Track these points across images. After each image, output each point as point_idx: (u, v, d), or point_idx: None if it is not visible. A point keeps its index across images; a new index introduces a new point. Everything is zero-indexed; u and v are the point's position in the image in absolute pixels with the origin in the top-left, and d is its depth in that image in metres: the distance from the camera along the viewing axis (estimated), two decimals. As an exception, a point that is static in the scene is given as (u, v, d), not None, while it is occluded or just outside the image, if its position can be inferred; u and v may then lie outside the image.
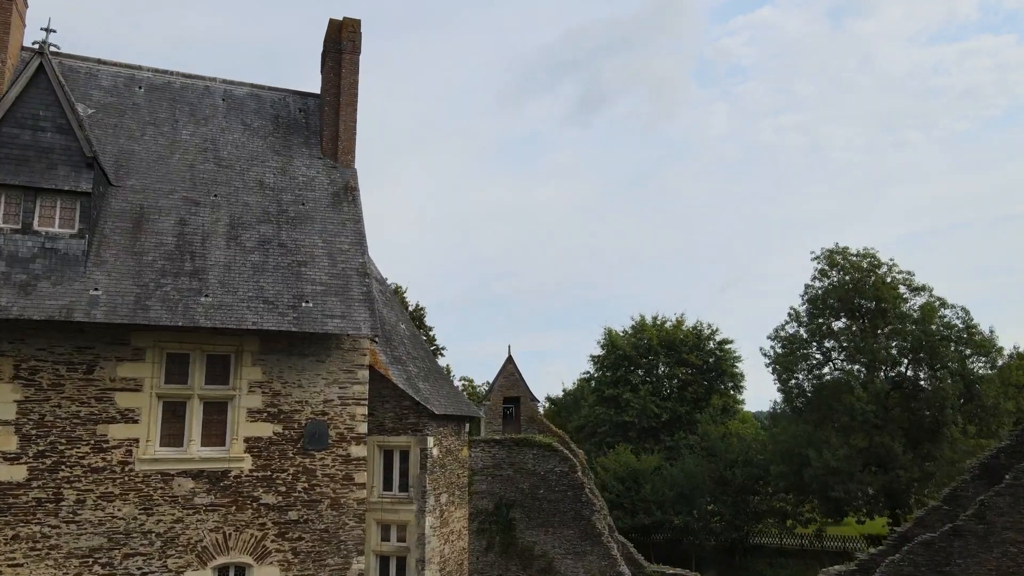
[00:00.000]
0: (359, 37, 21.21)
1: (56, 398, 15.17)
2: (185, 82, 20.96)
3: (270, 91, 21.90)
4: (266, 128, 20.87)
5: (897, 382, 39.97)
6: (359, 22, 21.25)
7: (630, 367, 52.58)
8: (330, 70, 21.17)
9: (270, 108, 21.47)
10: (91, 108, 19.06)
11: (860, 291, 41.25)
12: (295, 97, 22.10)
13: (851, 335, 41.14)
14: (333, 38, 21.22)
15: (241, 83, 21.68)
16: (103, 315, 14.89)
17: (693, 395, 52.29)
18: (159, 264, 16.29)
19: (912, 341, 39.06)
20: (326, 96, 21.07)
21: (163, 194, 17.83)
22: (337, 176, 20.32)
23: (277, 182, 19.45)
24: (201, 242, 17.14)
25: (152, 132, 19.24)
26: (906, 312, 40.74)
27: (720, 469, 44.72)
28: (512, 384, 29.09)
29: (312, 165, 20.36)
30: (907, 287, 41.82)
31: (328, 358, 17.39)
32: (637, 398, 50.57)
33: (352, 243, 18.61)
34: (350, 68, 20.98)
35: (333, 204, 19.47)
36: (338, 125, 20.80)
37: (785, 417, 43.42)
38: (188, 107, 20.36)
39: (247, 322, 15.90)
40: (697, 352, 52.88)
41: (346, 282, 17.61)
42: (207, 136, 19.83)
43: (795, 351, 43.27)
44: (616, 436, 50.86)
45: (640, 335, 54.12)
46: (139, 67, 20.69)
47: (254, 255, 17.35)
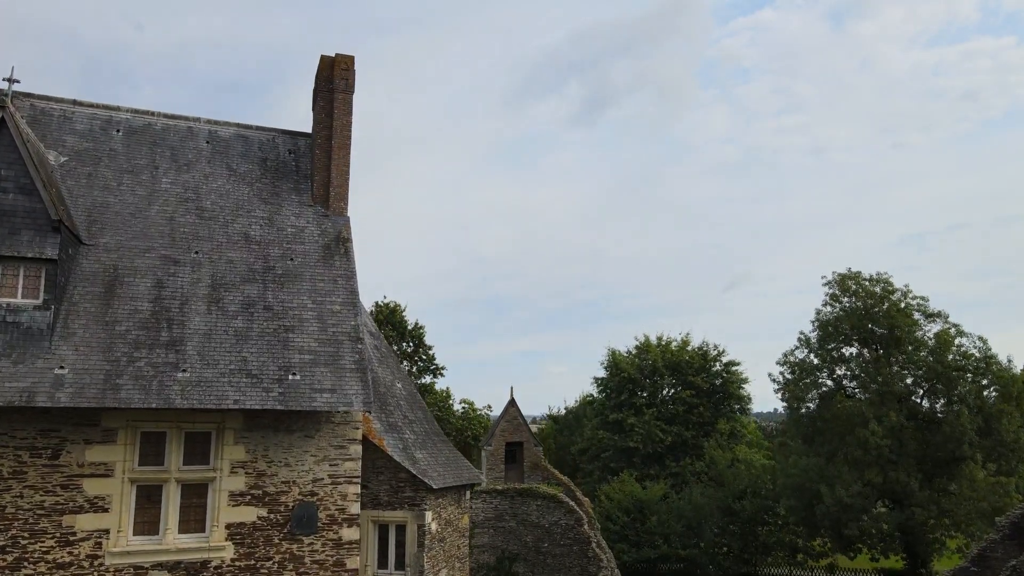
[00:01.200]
0: (352, 75, 19.87)
1: (18, 487, 13.85)
2: (167, 123, 19.63)
3: (258, 131, 20.57)
4: (253, 173, 19.53)
5: (912, 413, 38.60)
6: (352, 59, 19.92)
7: (634, 390, 51.24)
8: (321, 109, 19.85)
9: (258, 150, 20.13)
10: (64, 155, 17.75)
11: (873, 317, 39.93)
12: (284, 137, 20.76)
13: (864, 363, 39.81)
14: (325, 76, 19.90)
15: (227, 123, 20.35)
16: (69, 398, 13.57)
17: (699, 419, 50.94)
18: (133, 335, 14.95)
19: (927, 371, 37.72)
20: (317, 138, 19.74)
21: (139, 252, 16.50)
22: (328, 226, 18.99)
23: (264, 234, 18.12)
24: (179, 307, 15.80)
25: (129, 181, 17.91)
26: (921, 339, 39.41)
27: (728, 500, 43.38)
28: (515, 428, 27.82)
29: (302, 214, 19.03)
30: (922, 313, 40.48)
31: (317, 433, 16.06)
32: (642, 423, 49.23)
33: (344, 303, 17.28)
34: (343, 108, 19.65)
35: (324, 258, 18.13)
36: (330, 169, 19.48)
37: (796, 449, 42.06)
38: (169, 151, 19.03)
39: (228, 400, 14.58)
40: (704, 374, 51.53)
41: (337, 349, 16.28)
42: (189, 184, 18.50)
43: (804, 378, 41.93)
44: (620, 462, 49.49)
45: (644, 356, 52.79)
46: (117, 108, 19.36)
47: (237, 320, 16.01)
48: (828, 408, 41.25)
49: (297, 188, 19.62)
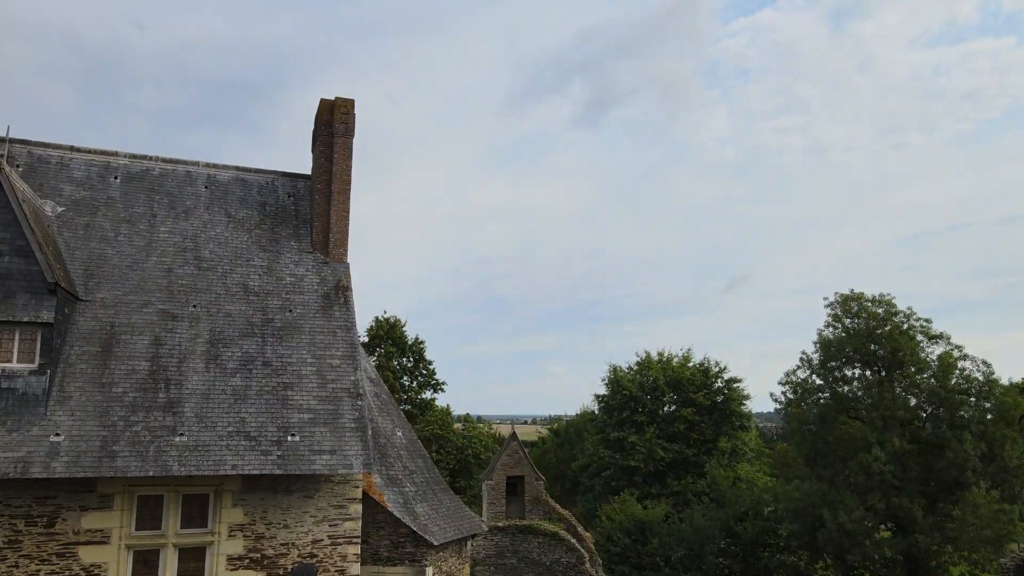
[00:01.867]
0: (352, 119, 19.67)
1: (13, 557, 13.67)
2: (165, 168, 19.43)
3: (257, 174, 20.36)
4: (252, 219, 19.33)
5: (915, 437, 38.41)
6: (352, 102, 19.72)
7: (636, 407, 51.02)
8: (321, 153, 19.65)
9: (257, 194, 19.92)
10: (61, 205, 17.56)
11: (875, 339, 39.70)
12: (284, 180, 20.55)
13: (867, 384, 39.61)
14: (324, 120, 19.69)
15: (226, 167, 20.14)
16: (64, 468, 13.38)
17: (700, 436, 50.73)
18: (130, 396, 14.76)
19: (929, 395, 37.50)
20: (317, 182, 19.54)
21: (137, 307, 16.30)
22: (328, 273, 18.79)
23: (263, 284, 17.92)
24: (177, 365, 15.61)
25: (127, 231, 17.71)
26: (923, 360, 39.20)
27: (729, 521, 43.19)
28: (516, 462, 27.66)
29: (301, 261, 18.82)
30: (924, 335, 40.26)
31: (317, 493, 15.87)
32: (643, 441, 49.01)
33: (344, 356, 17.08)
34: (342, 153, 19.45)
35: (323, 308, 17.93)
36: (329, 215, 19.28)
37: (798, 472, 41.85)
38: (168, 198, 18.83)
39: (226, 466, 14.38)
40: (705, 391, 51.31)
41: (337, 406, 16.08)
42: (187, 233, 18.30)
43: (806, 398, 41.73)
44: (621, 480, 49.29)
45: (645, 373, 52.57)
46: (115, 153, 19.16)
47: (236, 378, 15.82)
48: (830, 431, 41.07)
49: (296, 234, 19.42)
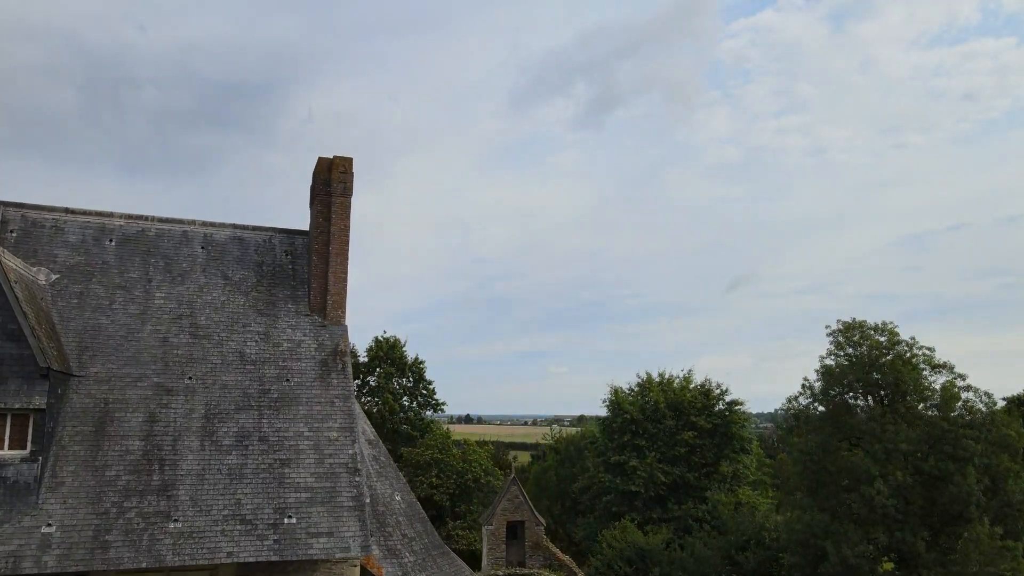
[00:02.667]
0: (351, 178, 19.44)
1: (4, 650, 13.43)
2: (161, 229, 19.20)
3: (254, 232, 20.12)
4: (249, 280, 19.09)
5: (917, 470, 38.17)
6: (351, 161, 19.49)
7: (637, 431, 50.79)
8: (319, 213, 19.41)
9: (254, 253, 19.69)
10: (55, 272, 17.33)
11: (877, 368, 39.46)
12: (281, 237, 20.32)
13: (869, 414, 39.36)
14: (322, 178, 19.46)
15: (223, 224, 19.91)
16: (56, 562, 13.15)
17: (701, 460, 50.51)
18: (123, 480, 14.53)
19: (931, 428, 37.23)
20: (315, 242, 19.30)
21: (131, 382, 16.07)
22: (326, 337, 18.55)
23: (260, 352, 17.68)
24: (172, 444, 15.38)
25: (122, 298, 17.48)
26: (926, 389, 38.98)
27: (731, 550, 42.97)
28: (516, 507, 27.47)
29: (299, 325, 18.59)
30: (928, 364, 40.01)
31: (315, 572, 15.64)
32: (644, 465, 48.78)
33: (341, 428, 16.84)
34: (341, 212, 19.22)
35: (321, 376, 17.70)
36: (327, 276, 19.04)
37: (800, 502, 41.63)
38: (164, 261, 18.60)
39: (221, 554, 14.15)
40: (706, 414, 51.08)
41: (334, 483, 15.85)
42: (183, 298, 18.06)
43: (809, 429, 41.49)
44: (622, 505, 49.07)
45: (647, 395, 52.36)
46: (111, 214, 18.94)
47: (231, 456, 15.58)
48: (832, 460, 40.85)
49: (294, 295, 19.19)
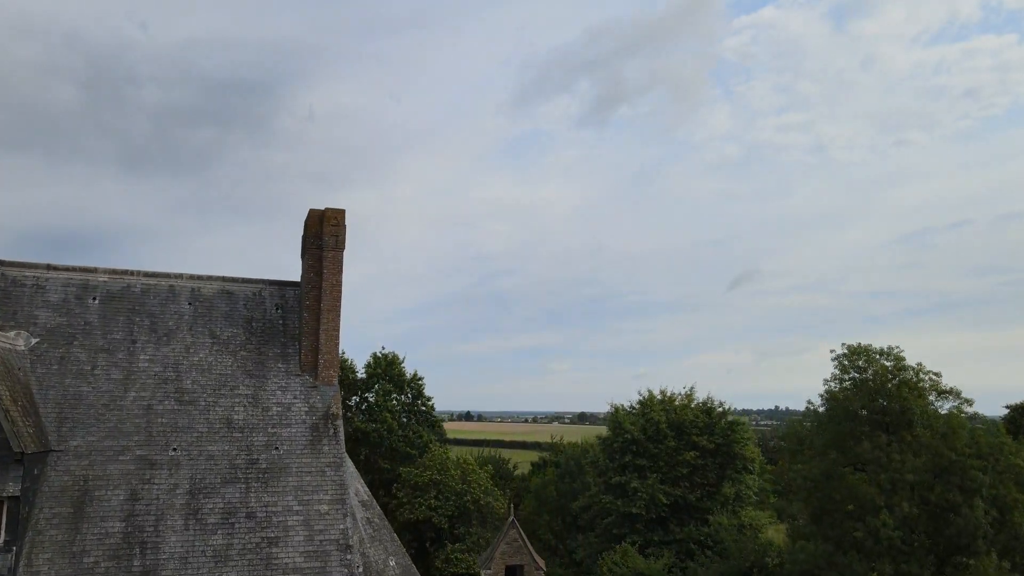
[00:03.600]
0: (343, 231, 18.76)
1: None
2: (147, 284, 18.54)
3: (244, 284, 19.45)
4: (238, 338, 18.44)
5: (924, 500, 37.55)
6: (343, 213, 18.81)
7: (638, 451, 50.18)
8: (310, 267, 18.76)
9: (243, 308, 19.03)
10: (36, 336, 16.68)
11: (883, 394, 38.82)
12: (272, 289, 19.65)
13: (875, 443, 38.73)
14: (313, 232, 18.78)
15: (211, 278, 19.24)
16: (30, 663, 12.53)
17: (703, 480, 49.91)
18: (102, 567, 13.91)
19: (937, 457, 36.61)
20: (306, 298, 18.65)
21: (113, 455, 15.44)
22: (317, 399, 17.90)
23: (248, 418, 17.03)
24: (154, 525, 14.75)
25: (105, 362, 16.83)
26: (932, 415, 38.36)
27: (733, 570, 42.45)
28: (515, 551, 26.89)
29: (289, 387, 17.94)
30: (935, 390, 39.38)
31: (302, 658, 15.03)
32: (645, 487, 48.18)
33: (333, 500, 16.21)
34: (332, 267, 18.55)
35: (311, 443, 17.05)
36: (319, 334, 18.38)
37: (804, 531, 41.05)
38: (149, 320, 17.95)
39: (204, 648, 13.53)
40: (708, 435, 50.47)
41: (324, 563, 15.23)
42: (169, 360, 17.41)
43: (813, 456, 40.88)
44: (623, 527, 48.51)
45: (648, 414, 51.73)
46: (95, 270, 18.28)
47: (216, 536, 14.95)
48: (836, 488, 40.24)
49: (284, 354, 18.53)
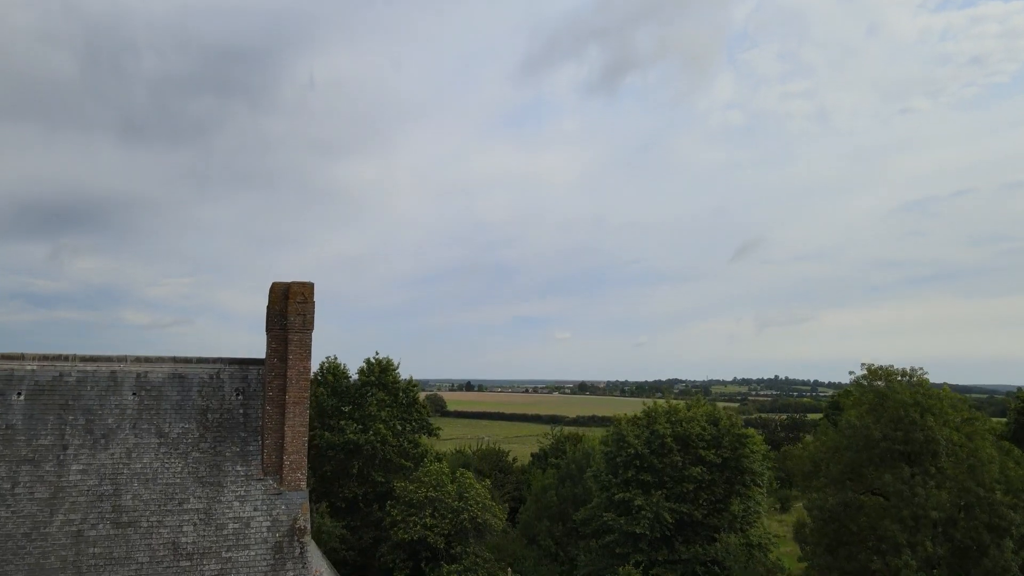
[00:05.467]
0: (311, 308, 16.14)
1: None
2: (84, 371, 15.97)
3: (198, 366, 16.88)
4: (190, 435, 15.93)
5: (948, 537, 35.40)
6: (311, 288, 16.18)
7: (642, 466, 48.00)
8: (273, 352, 16.18)
9: (198, 397, 16.48)
10: (-54, 447, 14.17)
11: (905, 424, 36.48)
12: (232, 370, 17.09)
13: (897, 475, 36.47)
14: (277, 309, 16.18)
15: (160, 359, 16.66)
16: None
17: (710, 497, 47.81)
18: None
19: (963, 492, 34.38)
20: (268, 387, 16.10)
21: (33, 602, 13.02)
22: (281, 510, 15.45)
23: (198, 539, 14.59)
24: None
25: (28, 478, 14.34)
26: (959, 443, 36.07)
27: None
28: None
29: (249, 496, 15.47)
30: (959, 416, 37.05)
31: None
32: (650, 504, 46.08)
33: (296, 645, 13.85)
34: (299, 352, 15.98)
35: (274, 568, 14.63)
36: (283, 431, 15.87)
37: (818, 560, 39.00)
38: (84, 417, 15.42)
39: None
40: (716, 449, 48.25)
41: None
42: (106, 470, 14.92)
43: (827, 476, 38.69)
44: (626, 546, 46.52)
45: (653, 427, 49.45)
46: (21, 357, 15.71)
47: None
48: (854, 519, 38.12)
49: (244, 453, 16.03)
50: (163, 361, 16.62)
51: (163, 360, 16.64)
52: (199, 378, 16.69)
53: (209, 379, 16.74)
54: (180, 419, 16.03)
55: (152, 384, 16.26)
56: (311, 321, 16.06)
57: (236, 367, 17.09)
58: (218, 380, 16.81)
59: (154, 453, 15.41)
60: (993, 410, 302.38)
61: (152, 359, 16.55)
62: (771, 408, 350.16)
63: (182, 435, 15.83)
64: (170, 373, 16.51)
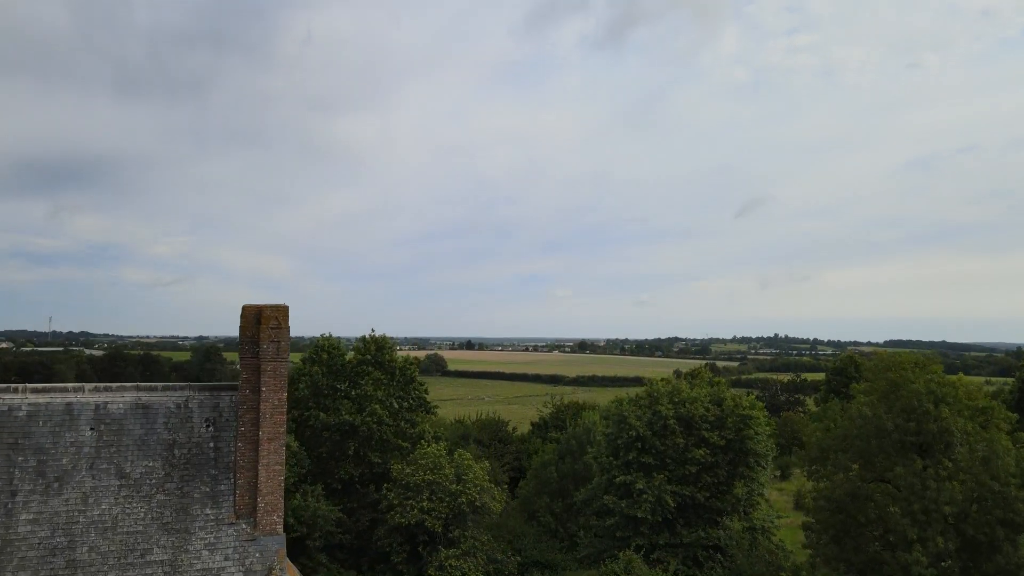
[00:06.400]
0: (286, 333, 14.57)
1: None
2: (36, 404, 14.45)
3: (164, 394, 15.36)
4: (154, 475, 14.48)
5: (959, 531, 34.35)
6: (285, 311, 14.57)
7: (644, 448, 46.94)
8: (246, 382, 14.65)
9: (163, 429, 14.99)
10: None
11: (917, 414, 35.19)
12: (202, 398, 15.57)
13: (909, 468, 35.29)
14: (249, 335, 14.61)
15: (122, 387, 15.13)
16: None
17: (713, 479, 46.85)
18: None
19: (978, 486, 33.22)
20: (240, 422, 14.61)
21: None
22: (255, 558, 14.08)
23: (162, 596, 13.24)
24: None
25: (-28, 531, 12.92)
26: (974, 435, 34.84)
27: (745, 591, 39.83)
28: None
29: (219, 543, 14.09)
30: (973, 407, 35.75)
31: None
32: (651, 487, 45.13)
33: None
34: (274, 383, 14.45)
35: (246, 627, 13.32)
36: (257, 469, 14.43)
37: (825, 553, 38.09)
38: (36, 458, 13.95)
39: None
40: (720, 430, 47.14)
41: None
42: (59, 519, 13.51)
43: (835, 466, 37.58)
44: (627, 529, 45.71)
45: (655, 406, 48.28)
46: (-35, 389, 14.19)
47: None
48: (862, 511, 37.09)
49: (215, 493, 14.60)
50: (125, 389, 15.09)
51: (125, 388, 15.10)
52: (165, 408, 15.18)
53: (176, 409, 15.23)
54: (143, 456, 14.57)
55: (112, 416, 14.76)
56: (286, 348, 14.49)
57: (207, 394, 15.56)
58: (186, 410, 15.30)
59: (114, 497, 13.98)
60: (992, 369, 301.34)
61: (113, 387, 15.02)
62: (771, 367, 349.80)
63: (145, 475, 14.39)
64: (132, 403, 14.99)
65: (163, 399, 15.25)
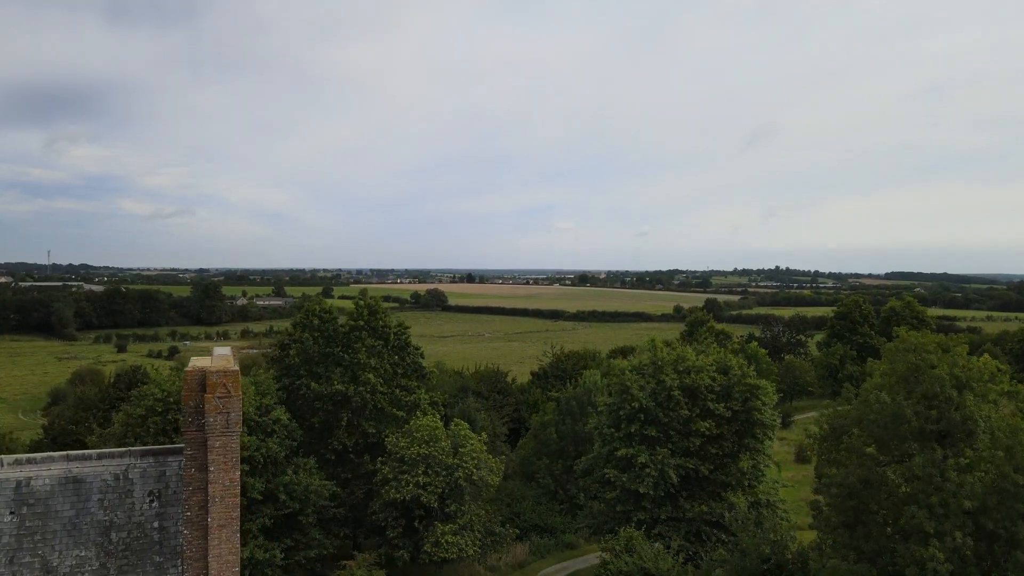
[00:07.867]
0: (237, 404, 12.27)
1: None
2: (-56, 485, 12.27)
3: (99, 463, 13.15)
4: (87, 567, 12.41)
5: (978, 524, 32.81)
6: (236, 376, 12.24)
7: (647, 419, 45.30)
8: (190, 459, 12.44)
9: (98, 509, 12.85)
10: None
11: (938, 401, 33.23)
12: (144, 466, 13.36)
13: (928, 458, 33.52)
14: (192, 405, 12.32)
15: (49, 458, 12.93)
16: None
17: (717, 451, 45.37)
18: None
19: (999, 479, 31.49)
20: (187, 505, 12.46)
21: None
22: (206, 665, 12.14)
23: None
24: None
25: None
26: (998, 424, 32.97)
27: (750, 569, 38.68)
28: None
29: (163, 648, 12.13)
30: (996, 392, 33.76)
31: None
32: (654, 461, 43.68)
33: None
34: (224, 461, 12.24)
35: None
36: (207, 560, 12.36)
37: (838, 540, 36.72)
38: (-56, 554, 11.86)
39: None
40: (725, 402, 45.40)
41: None
42: (-28, 631, 11.51)
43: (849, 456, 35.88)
44: (628, 503, 44.47)
45: (659, 375, 46.43)
46: None
47: None
48: (875, 497, 35.54)
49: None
50: (52, 460, 12.89)
51: (52, 459, 12.91)
52: (100, 481, 13.00)
53: (114, 481, 13.06)
54: (74, 543, 12.47)
55: (37, 496, 12.59)
56: (237, 420, 12.22)
57: (150, 460, 13.37)
58: (125, 481, 13.13)
59: (38, 600, 11.95)
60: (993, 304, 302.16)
61: (38, 459, 12.82)
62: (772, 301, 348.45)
63: (76, 567, 12.32)
64: (61, 477, 12.81)
65: (98, 469, 13.06)
